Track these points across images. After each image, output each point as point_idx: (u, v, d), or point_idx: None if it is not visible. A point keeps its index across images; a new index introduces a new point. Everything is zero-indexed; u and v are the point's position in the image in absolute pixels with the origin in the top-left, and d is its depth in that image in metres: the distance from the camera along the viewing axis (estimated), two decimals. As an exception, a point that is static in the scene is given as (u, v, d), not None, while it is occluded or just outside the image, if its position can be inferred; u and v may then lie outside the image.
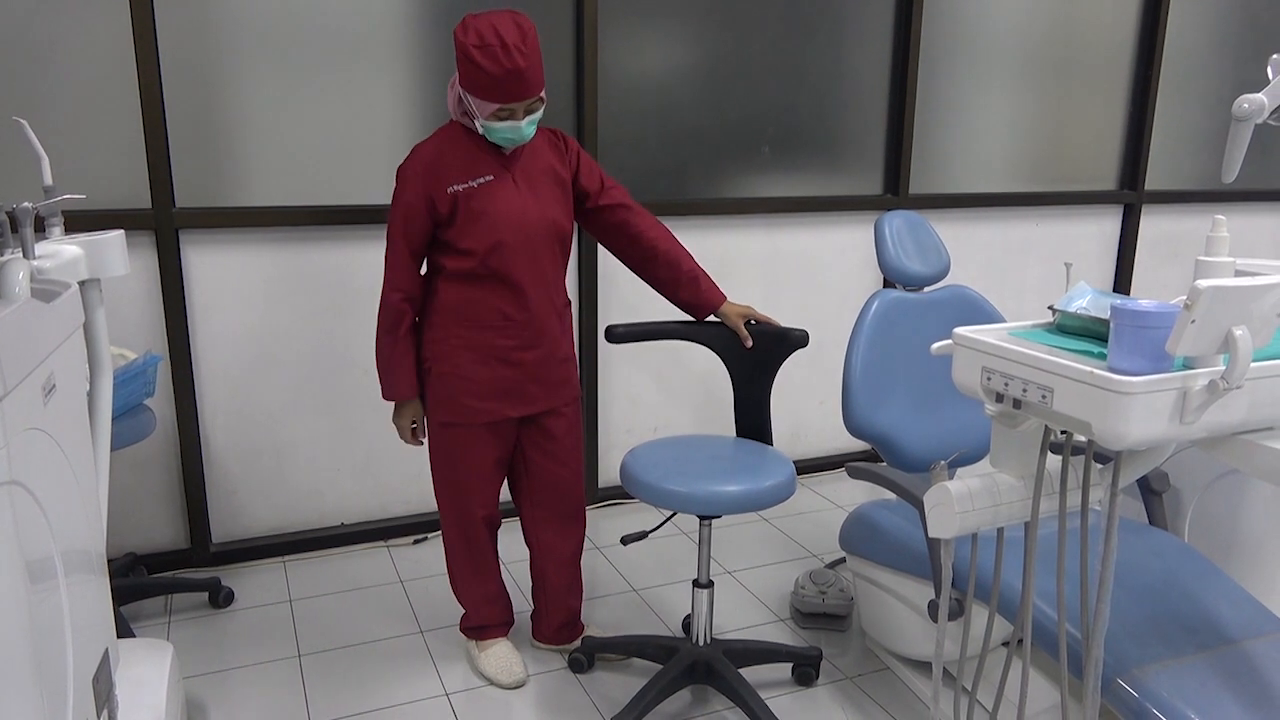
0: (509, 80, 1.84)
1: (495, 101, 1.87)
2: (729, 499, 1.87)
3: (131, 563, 2.57)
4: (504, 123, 1.91)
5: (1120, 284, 3.93)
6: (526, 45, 1.84)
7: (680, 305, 2.19)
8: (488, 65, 1.82)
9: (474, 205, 1.95)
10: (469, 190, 1.95)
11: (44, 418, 1.12)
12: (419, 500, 2.96)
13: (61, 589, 1.15)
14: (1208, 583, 1.77)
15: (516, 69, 1.83)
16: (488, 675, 2.20)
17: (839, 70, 3.20)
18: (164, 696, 1.76)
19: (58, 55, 2.34)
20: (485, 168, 1.98)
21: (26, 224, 1.48)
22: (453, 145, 1.97)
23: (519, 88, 1.86)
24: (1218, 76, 3.88)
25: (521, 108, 1.90)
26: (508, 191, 1.99)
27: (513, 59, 1.82)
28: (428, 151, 1.97)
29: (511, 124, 1.91)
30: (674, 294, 2.18)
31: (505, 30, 1.82)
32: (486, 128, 1.92)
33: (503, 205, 1.97)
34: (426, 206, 1.96)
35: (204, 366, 2.63)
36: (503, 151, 2.00)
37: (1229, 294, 1.11)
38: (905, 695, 2.17)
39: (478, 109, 1.90)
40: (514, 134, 1.93)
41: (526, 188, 2.01)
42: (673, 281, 2.16)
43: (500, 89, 1.85)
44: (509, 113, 1.89)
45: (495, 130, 1.92)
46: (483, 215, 1.95)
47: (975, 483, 1.36)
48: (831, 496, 3.31)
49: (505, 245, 1.97)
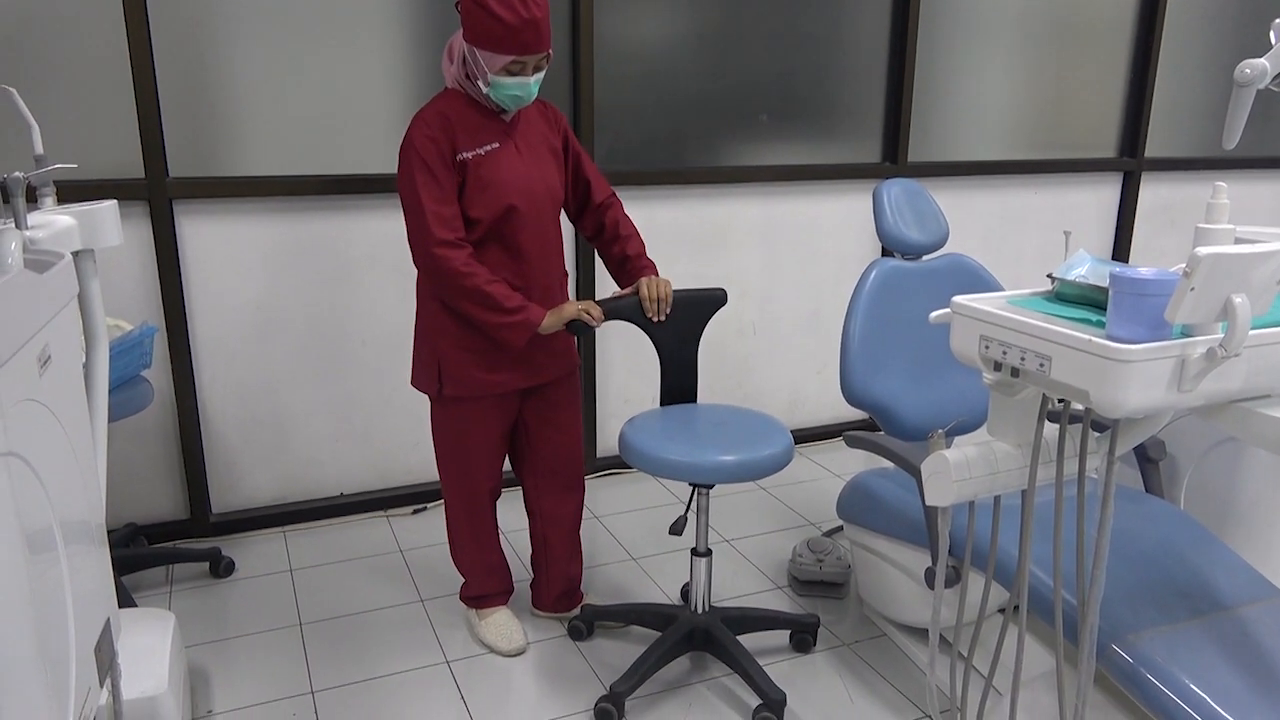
0: (526, 30, 1.82)
1: (510, 54, 1.84)
2: (727, 468, 1.87)
3: (132, 533, 2.58)
4: (514, 78, 1.88)
5: (1119, 252, 3.92)
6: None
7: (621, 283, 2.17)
8: (505, 14, 1.80)
9: (482, 173, 1.93)
10: (477, 158, 1.93)
11: (40, 389, 1.12)
12: (418, 470, 2.97)
13: (62, 560, 1.16)
14: (1203, 549, 1.78)
15: (534, 18, 1.82)
16: (488, 643, 2.22)
17: (838, 37, 3.16)
18: (166, 665, 1.77)
19: (48, 23, 2.31)
20: (489, 135, 1.95)
21: (18, 194, 1.47)
22: (456, 112, 1.94)
23: (535, 39, 1.84)
24: (1219, 42, 3.85)
25: (532, 63, 1.87)
26: (512, 159, 1.97)
27: (529, 9, 1.81)
28: (433, 116, 1.92)
29: (520, 80, 1.88)
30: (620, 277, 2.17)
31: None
32: (495, 84, 1.88)
33: (509, 173, 1.96)
34: (447, 163, 1.91)
35: (201, 337, 2.63)
36: (504, 119, 1.98)
37: (1229, 261, 1.10)
38: (902, 661, 2.19)
39: (486, 64, 1.86)
40: (522, 90, 1.90)
41: (529, 155, 2.00)
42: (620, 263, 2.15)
43: (517, 40, 1.82)
44: (520, 67, 1.87)
45: (503, 87, 1.89)
46: (491, 183, 1.94)
47: (972, 451, 1.36)
48: (829, 465, 3.32)
49: (515, 212, 1.96)
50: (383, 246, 2.74)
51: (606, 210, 2.15)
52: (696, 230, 3.13)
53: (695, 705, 2.02)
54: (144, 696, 1.69)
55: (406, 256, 2.78)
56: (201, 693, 2.05)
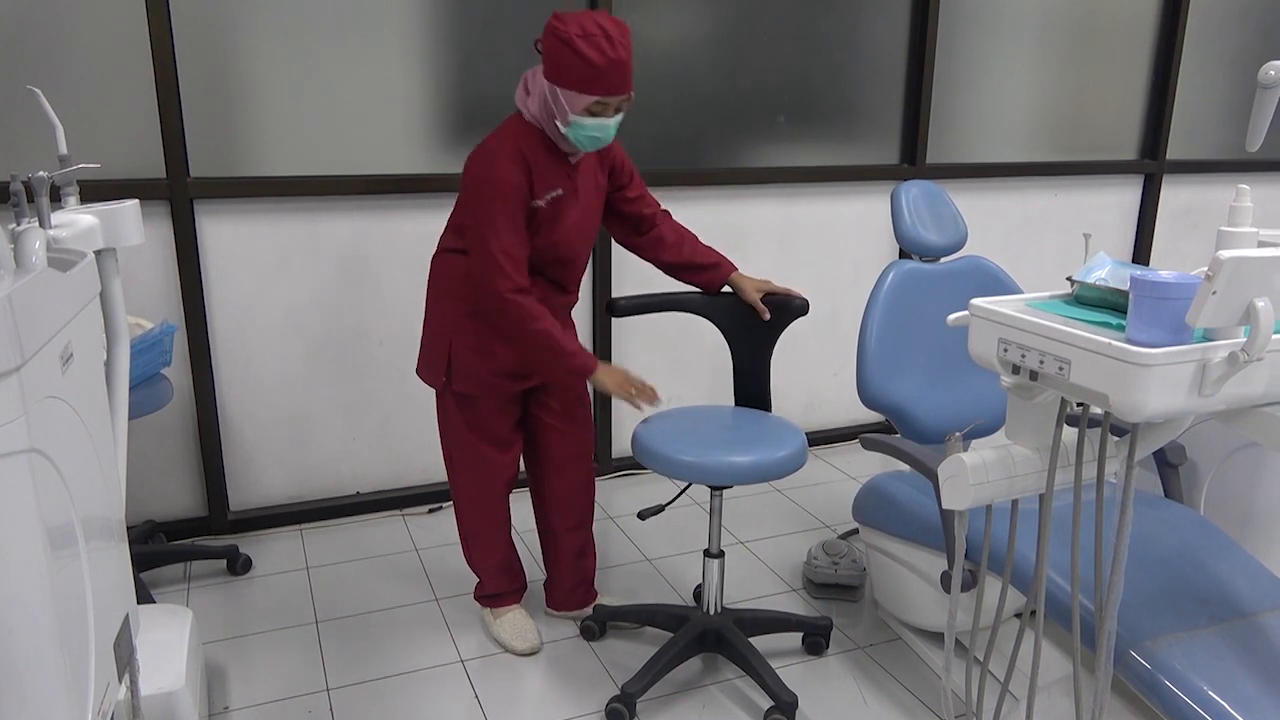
0: (613, 71, 1.81)
1: (595, 94, 1.82)
2: (740, 469, 1.87)
3: (151, 530, 2.61)
4: (594, 119, 1.86)
5: (1140, 255, 3.89)
6: (626, 40, 1.82)
7: (693, 285, 2.21)
8: (592, 55, 1.79)
9: (547, 221, 1.95)
10: (546, 205, 1.94)
11: (62, 386, 1.13)
12: (434, 469, 2.98)
13: (82, 555, 1.17)
14: (1223, 556, 1.76)
15: (620, 59, 1.81)
16: (502, 642, 2.22)
17: (856, 38, 3.15)
18: (184, 661, 1.78)
19: (72, 25, 2.33)
20: (556, 179, 1.95)
21: (42, 193, 1.48)
22: (532, 153, 1.91)
23: (620, 80, 1.83)
24: (1242, 42, 3.81)
25: (614, 104, 1.87)
26: (572, 206, 1.99)
27: (616, 49, 1.80)
28: (515, 155, 1.88)
29: (601, 121, 1.87)
30: (688, 278, 2.20)
31: (606, 23, 1.81)
32: (575, 125, 1.86)
33: (568, 222, 1.98)
34: (525, 206, 1.91)
35: (220, 336, 2.65)
36: (570, 160, 1.97)
37: (1252, 265, 1.09)
38: (917, 665, 2.18)
39: (568, 104, 1.84)
40: (601, 132, 1.89)
41: (585, 200, 2.02)
42: (683, 267, 2.19)
43: (603, 80, 1.81)
44: (602, 108, 1.86)
45: (583, 128, 1.87)
46: (553, 232, 1.96)
47: (990, 454, 1.36)
48: (845, 468, 3.31)
49: (563, 260, 2.01)
50: (401, 246, 2.76)
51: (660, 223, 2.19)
52: (714, 231, 3.13)
53: (707, 707, 2.02)
54: (161, 692, 1.70)
55: (424, 257, 2.79)
56: (218, 689, 2.07)
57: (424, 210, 2.76)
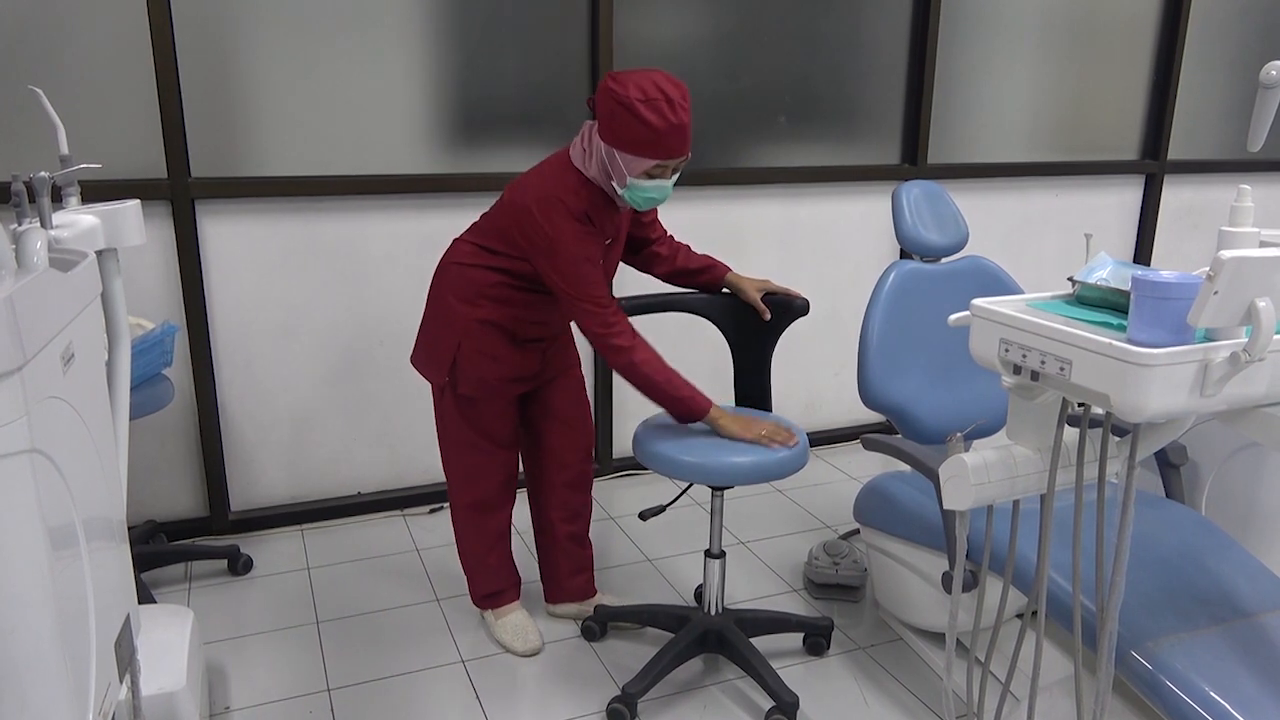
0: (674, 135, 1.78)
1: (656, 158, 1.80)
2: (742, 470, 1.87)
3: (152, 530, 2.61)
4: (653, 181, 1.84)
5: (1141, 255, 3.89)
6: (686, 102, 1.79)
7: (690, 288, 2.23)
8: (654, 120, 1.75)
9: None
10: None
11: (64, 386, 1.13)
12: (435, 470, 2.98)
13: (83, 555, 1.17)
14: (1224, 556, 1.76)
15: (682, 123, 1.78)
16: (503, 643, 2.22)
17: (857, 38, 3.15)
18: (185, 661, 1.79)
19: (74, 26, 2.34)
20: (611, 231, 1.96)
21: (44, 193, 1.48)
22: (594, 210, 1.89)
23: (680, 144, 1.80)
24: (1243, 42, 3.81)
25: (673, 165, 1.84)
26: (612, 252, 2.01)
27: (678, 114, 1.77)
28: (580, 214, 1.86)
29: (659, 183, 1.85)
30: (682, 283, 2.22)
31: (666, 86, 1.77)
32: (633, 187, 1.84)
33: (610, 263, 2.01)
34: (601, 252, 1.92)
35: (221, 336, 2.65)
36: (618, 210, 1.96)
37: (1253, 265, 1.09)
38: (918, 666, 2.18)
39: (627, 167, 1.81)
40: (659, 194, 1.87)
41: (623, 238, 2.04)
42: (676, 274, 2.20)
43: (664, 145, 1.78)
44: (661, 170, 1.83)
45: (642, 190, 1.84)
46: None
47: (991, 455, 1.36)
48: (846, 468, 3.31)
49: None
50: (401, 247, 2.76)
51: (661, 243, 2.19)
52: (715, 231, 3.13)
53: (708, 707, 2.02)
54: (162, 692, 1.70)
55: (426, 257, 2.79)
56: (219, 689, 2.07)
57: (426, 210, 2.76)
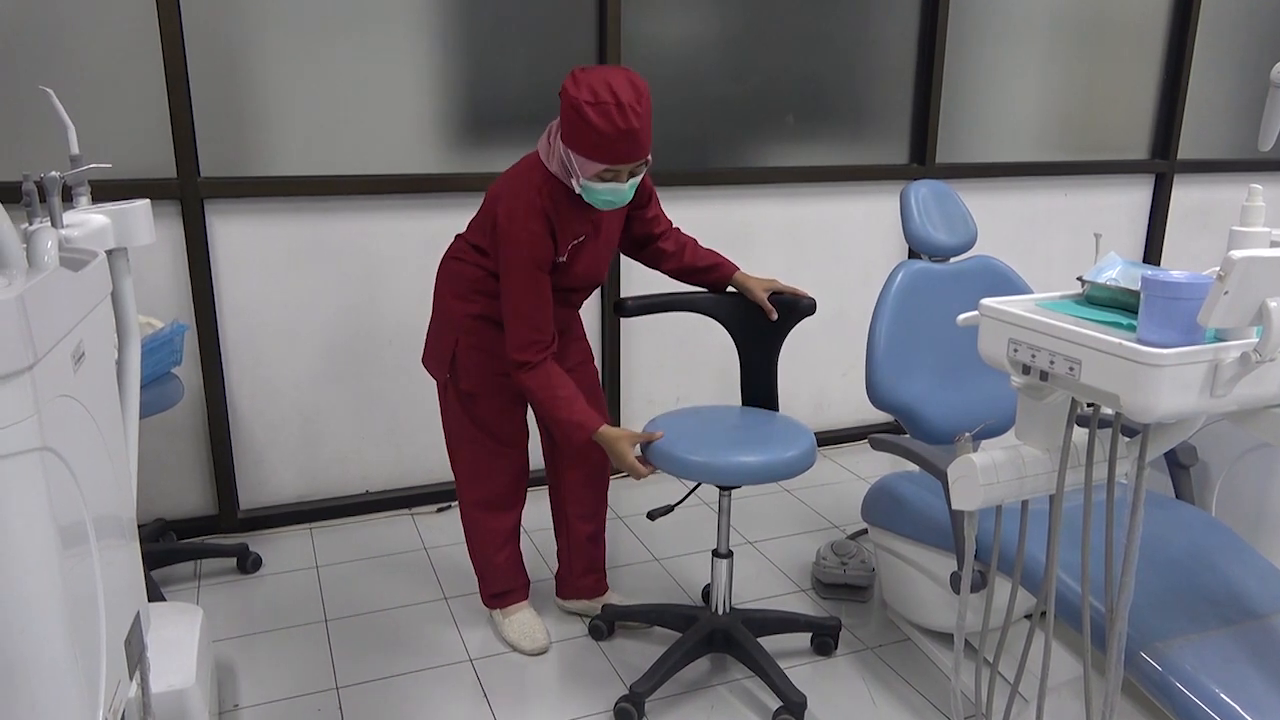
0: (621, 141, 1.75)
1: (603, 163, 1.78)
2: (750, 469, 1.87)
3: (161, 528, 2.62)
4: (606, 184, 1.82)
5: (1150, 255, 3.87)
6: (641, 105, 1.74)
7: (696, 286, 2.22)
8: (600, 124, 1.72)
9: (565, 264, 1.96)
10: (568, 254, 1.95)
11: (74, 385, 1.13)
12: (442, 468, 2.99)
13: (93, 553, 1.17)
14: (1234, 557, 1.75)
15: (631, 129, 1.74)
16: (511, 642, 2.23)
17: (866, 37, 3.15)
18: (194, 659, 1.79)
19: (83, 26, 2.35)
20: (580, 228, 1.95)
21: (54, 193, 1.49)
22: (553, 206, 1.88)
23: (630, 150, 1.77)
24: (1254, 41, 3.79)
25: (627, 170, 1.82)
26: (593, 246, 1.99)
27: (627, 119, 1.73)
28: (539, 214, 1.86)
29: (614, 186, 1.83)
30: (688, 280, 2.21)
31: (620, 88, 1.73)
32: (586, 188, 1.83)
33: (586, 263, 1.99)
34: (550, 264, 1.90)
35: (230, 335, 2.66)
36: (593, 207, 1.95)
37: (1264, 265, 1.08)
38: (926, 666, 2.17)
39: (579, 168, 1.81)
40: (614, 196, 1.85)
41: (606, 234, 2.02)
42: (683, 271, 2.19)
43: (611, 150, 1.76)
44: (613, 174, 1.81)
45: (595, 192, 1.83)
46: (568, 271, 1.97)
47: (1000, 455, 1.35)
48: (854, 468, 3.30)
49: (577, 289, 2.03)
50: (409, 247, 2.76)
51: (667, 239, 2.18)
52: (722, 231, 3.12)
53: (716, 707, 2.02)
54: (172, 690, 1.71)
55: (432, 257, 2.79)
56: (228, 687, 2.08)
57: (434, 210, 2.76)
